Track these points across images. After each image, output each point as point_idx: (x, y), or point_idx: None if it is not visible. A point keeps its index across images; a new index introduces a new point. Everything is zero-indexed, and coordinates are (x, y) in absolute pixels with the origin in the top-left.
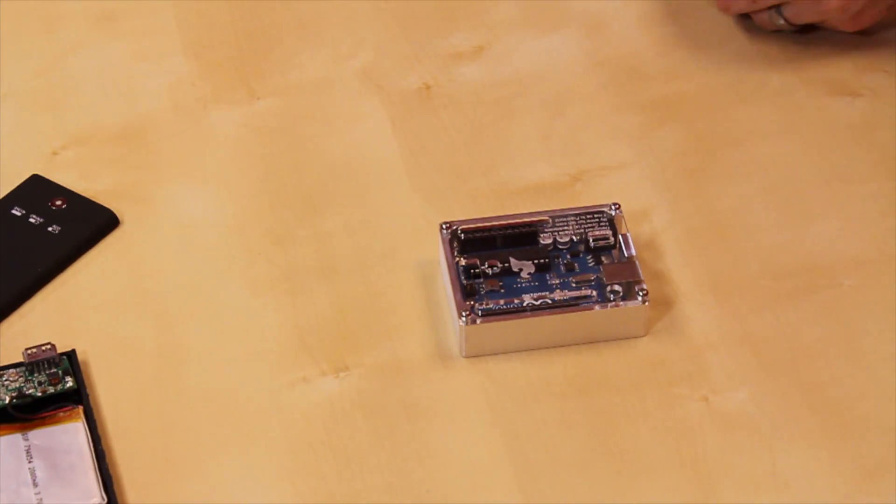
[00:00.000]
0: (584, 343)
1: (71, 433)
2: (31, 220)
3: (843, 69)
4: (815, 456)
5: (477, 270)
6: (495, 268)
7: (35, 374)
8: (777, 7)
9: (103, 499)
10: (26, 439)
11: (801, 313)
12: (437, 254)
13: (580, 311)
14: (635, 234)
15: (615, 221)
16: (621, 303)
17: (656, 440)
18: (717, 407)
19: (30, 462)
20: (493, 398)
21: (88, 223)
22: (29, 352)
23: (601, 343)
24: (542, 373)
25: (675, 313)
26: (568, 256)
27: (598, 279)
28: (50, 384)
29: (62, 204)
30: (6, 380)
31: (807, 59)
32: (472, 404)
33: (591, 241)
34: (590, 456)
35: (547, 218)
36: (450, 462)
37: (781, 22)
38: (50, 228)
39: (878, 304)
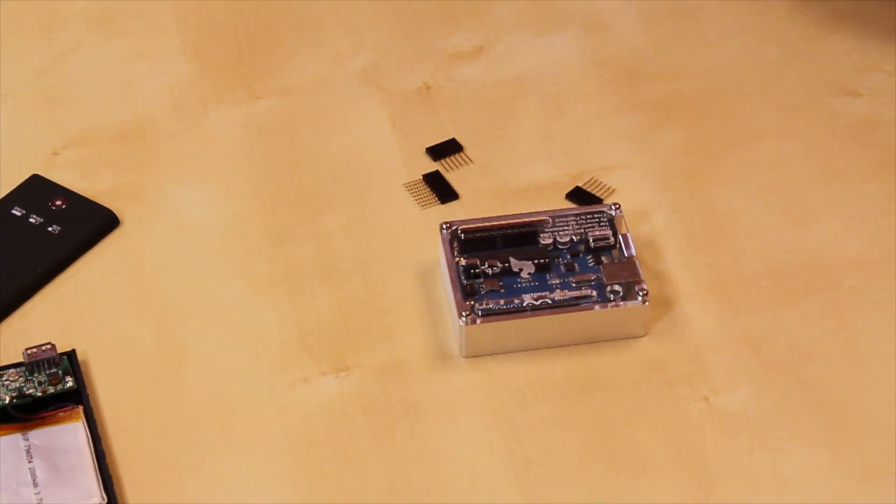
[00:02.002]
0: (584, 343)
1: (71, 433)
2: (31, 220)
3: (843, 69)
4: (815, 456)
5: (477, 270)
6: (495, 268)
7: (35, 374)
8: None
9: (103, 499)
10: (26, 439)
11: (801, 313)
12: (437, 254)
13: (580, 311)
14: (635, 234)
15: (615, 221)
16: (621, 303)
17: (656, 440)
18: (717, 407)
19: (30, 462)
20: (493, 398)
21: (88, 223)
22: (29, 352)
23: (601, 343)
24: (542, 373)
25: (675, 313)
26: (568, 256)
27: (598, 279)
28: (50, 384)
29: (62, 204)
30: (6, 380)
31: (807, 59)
32: (472, 404)
33: (591, 241)
34: (590, 456)
35: (547, 218)
36: (450, 462)
37: None
38: (50, 228)
39: (878, 304)
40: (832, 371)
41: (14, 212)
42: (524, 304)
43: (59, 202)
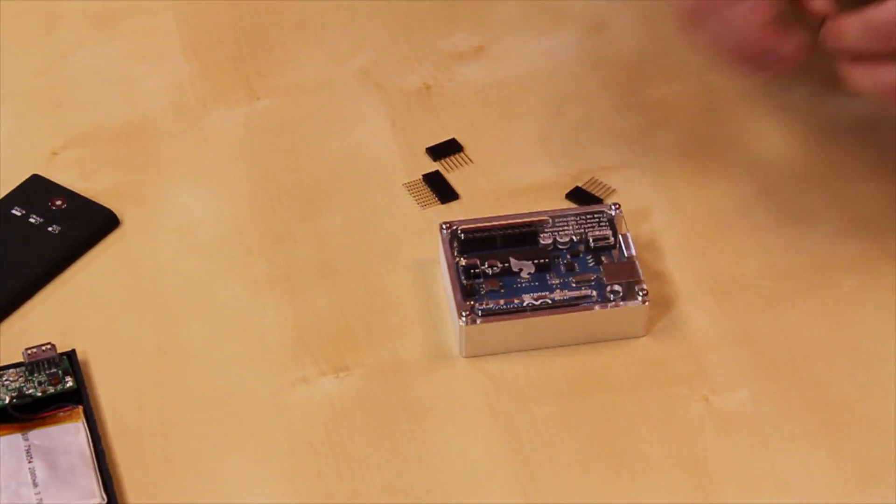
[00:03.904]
0: (584, 343)
1: (71, 433)
2: (31, 220)
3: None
4: (815, 456)
5: (477, 270)
6: (495, 268)
7: (35, 374)
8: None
9: (103, 499)
10: (26, 439)
11: (801, 313)
12: (437, 254)
13: (580, 311)
14: (635, 234)
15: (615, 221)
16: (621, 303)
17: (656, 440)
18: (717, 407)
19: (30, 462)
20: (493, 398)
21: (88, 223)
22: (29, 352)
23: (601, 343)
24: (542, 373)
25: (675, 313)
26: (568, 256)
27: (598, 279)
28: (50, 384)
29: (62, 204)
30: (6, 380)
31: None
32: (472, 404)
33: (591, 241)
34: (590, 456)
35: (547, 218)
36: (450, 462)
37: None
38: (50, 228)
39: (878, 304)
40: (832, 371)
41: (14, 212)
42: (524, 304)
43: (59, 202)
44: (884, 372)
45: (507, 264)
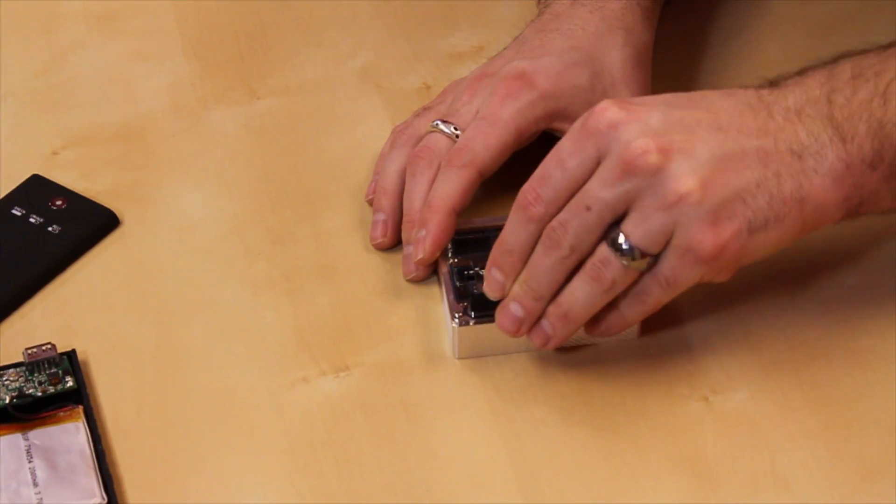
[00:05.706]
0: (582, 344)
1: (71, 433)
2: (31, 220)
3: None
4: (815, 456)
5: (470, 272)
6: None
7: (35, 374)
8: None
9: (103, 499)
10: (26, 439)
11: (801, 313)
12: None
13: None
14: None
15: None
16: None
17: (656, 440)
18: (717, 407)
19: (30, 462)
20: (492, 398)
21: (88, 223)
22: (29, 352)
23: (601, 343)
24: (542, 373)
25: (675, 313)
26: None
27: None
28: (50, 384)
29: (62, 204)
30: (6, 380)
31: (807, 59)
32: (472, 404)
33: None
34: (590, 456)
35: None
36: (450, 462)
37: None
38: (50, 228)
39: (878, 304)
40: (832, 371)
41: (14, 212)
42: None
43: (59, 202)
44: (884, 372)
45: None
